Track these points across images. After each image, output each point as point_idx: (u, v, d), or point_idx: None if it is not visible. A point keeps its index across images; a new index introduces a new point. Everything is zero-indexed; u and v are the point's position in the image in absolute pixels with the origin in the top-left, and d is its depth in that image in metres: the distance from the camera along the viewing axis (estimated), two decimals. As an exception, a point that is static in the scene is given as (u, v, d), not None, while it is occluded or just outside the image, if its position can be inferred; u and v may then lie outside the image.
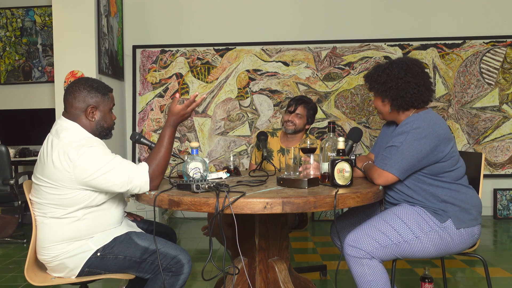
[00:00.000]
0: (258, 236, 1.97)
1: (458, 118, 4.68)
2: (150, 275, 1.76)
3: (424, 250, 1.80)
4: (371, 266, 1.76)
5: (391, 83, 1.86)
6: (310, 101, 2.77)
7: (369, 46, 4.73)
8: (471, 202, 1.85)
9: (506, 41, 4.67)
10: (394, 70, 1.87)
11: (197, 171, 1.82)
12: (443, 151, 1.79)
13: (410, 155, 1.76)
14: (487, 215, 4.71)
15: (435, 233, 1.79)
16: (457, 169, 1.85)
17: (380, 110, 1.98)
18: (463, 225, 1.80)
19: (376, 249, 1.77)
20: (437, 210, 1.81)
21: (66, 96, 1.79)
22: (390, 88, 1.86)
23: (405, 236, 1.79)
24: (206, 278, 2.24)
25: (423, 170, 1.82)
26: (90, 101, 1.78)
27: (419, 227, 1.79)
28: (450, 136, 1.82)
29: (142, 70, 4.82)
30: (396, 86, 1.85)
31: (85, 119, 1.78)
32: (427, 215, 1.81)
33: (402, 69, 1.86)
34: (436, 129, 1.78)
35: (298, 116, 2.69)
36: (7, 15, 5.02)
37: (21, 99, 5.00)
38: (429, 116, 1.82)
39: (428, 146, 1.76)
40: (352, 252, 1.77)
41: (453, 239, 1.80)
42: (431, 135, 1.76)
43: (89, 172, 1.64)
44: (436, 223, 1.79)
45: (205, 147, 4.77)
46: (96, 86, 1.81)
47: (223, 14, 4.84)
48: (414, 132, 1.77)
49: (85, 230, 1.74)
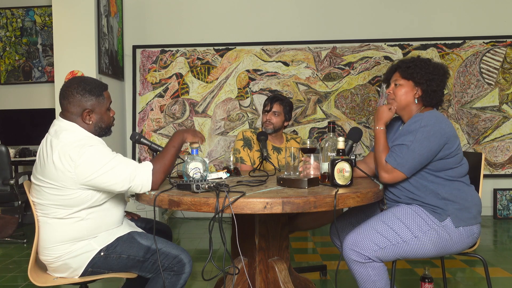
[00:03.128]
0: (258, 236, 1.97)
1: (458, 118, 4.68)
2: (152, 274, 1.77)
3: (423, 249, 1.80)
4: (374, 267, 1.78)
5: (435, 75, 1.91)
6: (285, 98, 2.83)
7: (369, 46, 4.73)
8: (471, 201, 1.86)
9: (506, 41, 4.67)
10: (437, 65, 1.95)
11: (197, 171, 1.82)
12: (449, 148, 1.82)
13: (420, 153, 1.79)
14: (487, 215, 4.71)
15: (434, 232, 1.79)
16: (461, 166, 1.88)
17: (402, 97, 1.93)
18: (462, 224, 1.81)
19: (376, 251, 1.78)
20: (435, 208, 1.82)
21: (61, 100, 1.77)
22: (432, 80, 1.90)
23: (403, 236, 1.79)
24: (206, 278, 2.24)
25: (427, 166, 1.84)
26: (85, 105, 1.76)
27: (418, 226, 1.80)
28: (456, 134, 1.86)
29: (142, 70, 4.82)
30: (437, 80, 1.91)
31: (82, 122, 1.77)
32: (425, 214, 1.82)
33: (442, 70, 1.94)
34: (443, 127, 1.81)
35: (275, 114, 2.74)
36: (7, 15, 5.02)
37: (21, 99, 5.00)
38: (435, 114, 1.85)
39: (437, 144, 1.79)
40: (353, 255, 1.79)
41: (452, 238, 1.80)
42: (439, 132, 1.79)
43: (90, 171, 1.64)
44: (435, 222, 1.80)
45: (205, 147, 4.77)
46: (90, 88, 1.76)
47: (223, 14, 4.84)
48: (422, 130, 1.79)
49: (88, 230, 1.74)
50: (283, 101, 2.77)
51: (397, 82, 1.95)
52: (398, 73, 1.97)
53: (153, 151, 2.09)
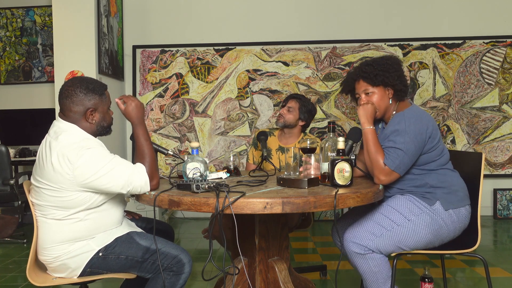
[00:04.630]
0: (258, 236, 1.97)
1: (458, 118, 4.68)
2: (151, 275, 1.76)
3: (418, 233, 1.85)
4: (375, 259, 1.83)
5: (399, 72, 1.96)
6: (305, 98, 2.79)
7: (369, 46, 4.72)
8: (457, 184, 1.95)
9: (506, 41, 4.67)
10: (394, 63, 1.98)
11: (197, 171, 1.82)
12: (432, 142, 1.90)
13: (412, 153, 1.85)
14: (487, 215, 4.71)
15: (426, 215, 1.87)
16: (442, 156, 1.95)
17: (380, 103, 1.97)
18: (451, 206, 1.89)
19: (373, 240, 1.83)
20: (425, 194, 1.90)
21: (62, 100, 1.75)
22: (400, 75, 1.96)
23: (397, 221, 1.86)
24: (206, 278, 2.24)
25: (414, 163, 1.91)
26: (88, 104, 1.75)
27: (410, 210, 1.88)
28: (436, 127, 1.93)
29: (142, 70, 4.82)
30: (399, 78, 1.96)
31: (85, 122, 1.76)
32: (416, 200, 1.90)
33: (397, 63, 1.99)
34: (425, 123, 1.88)
35: (288, 110, 2.71)
36: (7, 15, 5.02)
37: (21, 99, 5.00)
38: (415, 111, 1.92)
39: (423, 141, 1.86)
40: (353, 247, 1.83)
41: (444, 221, 1.87)
42: (423, 129, 1.86)
43: (89, 174, 1.64)
44: (425, 206, 1.88)
45: (205, 147, 4.77)
46: (92, 87, 1.76)
47: (223, 14, 4.84)
48: (408, 130, 1.84)
49: (86, 231, 1.74)
50: (301, 100, 2.74)
51: (368, 91, 1.98)
52: (364, 82, 1.98)
53: (153, 151, 2.08)
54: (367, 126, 1.91)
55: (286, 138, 2.77)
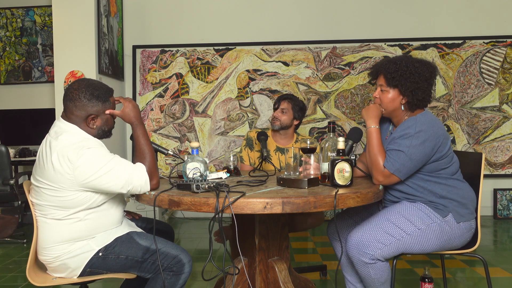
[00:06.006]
0: (258, 236, 1.97)
1: (458, 118, 4.68)
2: (151, 275, 1.76)
3: (427, 242, 1.83)
4: (376, 267, 1.81)
5: (420, 83, 1.85)
6: (294, 97, 2.81)
7: (369, 46, 4.72)
8: (467, 197, 1.90)
9: (506, 41, 4.67)
10: (423, 70, 1.86)
11: (197, 171, 1.82)
12: (441, 151, 1.84)
13: (416, 159, 1.80)
14: (487, 215, 4.71)
15: (437, 225, 1.83)
16: (452, 165, 1.91)
17: (389, 104, 1.91)
18: (462, 219, 1.86)
19: (381, 249, 1.80)
20: (437, 205, 1.86)
21: (66, 102, 1.75)
22: (418, 89, 1.85)
23: (407, 230, 1.82)
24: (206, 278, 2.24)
25: (421, 169, 1.86)
26: (91, 111, 1.75)
27: (421, 220, 1.83)
28: (447, 136, 1.89)
29: (142, 70, 4.82)
30: (423, 87, 1.86)
31: (86, 126, 1.76)
32: (428, 210, 1.85)
33: (428, 71, 1.88)
34: (436, 131, 1.82)
35: (282, 112, 2.72)
36: (7, 15, 5.02)
37: (21, 99, 5.00)
38: (428, 118, 1.87)
39: (431, 148, 1.81)
40: (362, 257, 1.80)
41: (454, 232, 1.85)
42: (433, 136, 1.81)
43: (89, 173, 1.64)
44: (437, 217, 1.84)
45: (205, 147, 4.77)
46: (97, 94, 1.75)
47: (223, 14, 4.84)
48: (418, 136, 1.79)
49: (86, 231, 1.74)
50: (292, 99, 2.76)
51: (382, 88, 1.92)
52: (383, 77, 1.92)
53: (153, 150, 2.09)
54: (371, 125, 1.88)
55: (281, 139, 2.78)
